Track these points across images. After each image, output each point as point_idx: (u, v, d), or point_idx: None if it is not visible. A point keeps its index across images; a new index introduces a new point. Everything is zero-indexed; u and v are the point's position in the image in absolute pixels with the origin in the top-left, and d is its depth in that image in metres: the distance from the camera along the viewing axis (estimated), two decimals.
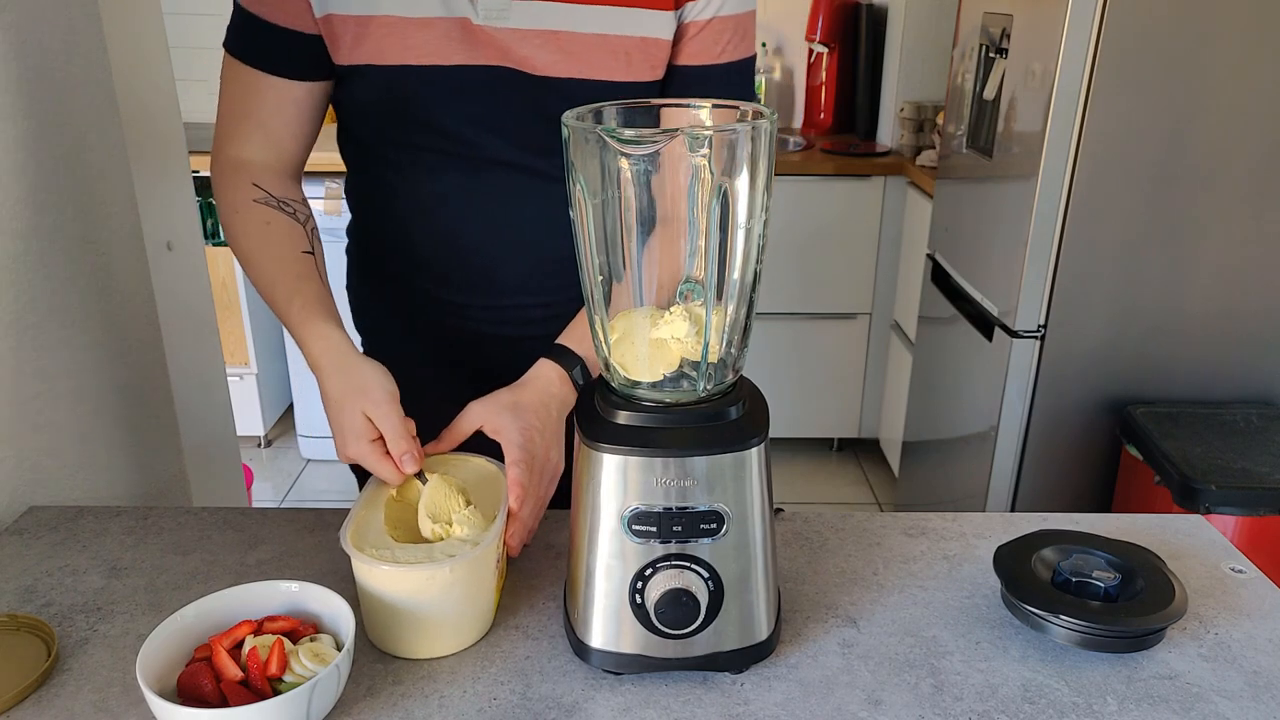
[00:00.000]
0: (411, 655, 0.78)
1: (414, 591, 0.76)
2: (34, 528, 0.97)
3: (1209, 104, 1.76)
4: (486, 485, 0.87)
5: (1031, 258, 1.88)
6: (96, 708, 0.73)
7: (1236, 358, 1.93)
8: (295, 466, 3.10)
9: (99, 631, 0.81)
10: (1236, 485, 1.65)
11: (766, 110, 0.71)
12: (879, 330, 3.02)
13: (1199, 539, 0.98)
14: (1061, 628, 0.78)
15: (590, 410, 0.76)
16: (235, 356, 2.97)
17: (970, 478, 2.16)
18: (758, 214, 0.72)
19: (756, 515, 0.74)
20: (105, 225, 1.21)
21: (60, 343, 1.10)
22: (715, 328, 0.73)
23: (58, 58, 1.12)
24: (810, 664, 0.78)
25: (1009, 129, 1.99)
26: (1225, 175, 1.80)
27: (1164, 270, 1.87)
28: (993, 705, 0.74)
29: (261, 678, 0.68)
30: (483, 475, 0.88)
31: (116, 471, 1.21)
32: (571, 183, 0.72)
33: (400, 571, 0.75)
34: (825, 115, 3.24)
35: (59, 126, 1.12)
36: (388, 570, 0.75)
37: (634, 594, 0.73)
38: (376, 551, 0.76)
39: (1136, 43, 1.72)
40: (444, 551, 0.76)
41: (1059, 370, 1.95)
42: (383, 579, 0.76)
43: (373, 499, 0.84)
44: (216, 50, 1.02)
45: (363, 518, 0.81)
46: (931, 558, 0.94)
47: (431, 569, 0.75)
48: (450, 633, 0.79)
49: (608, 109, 0.77)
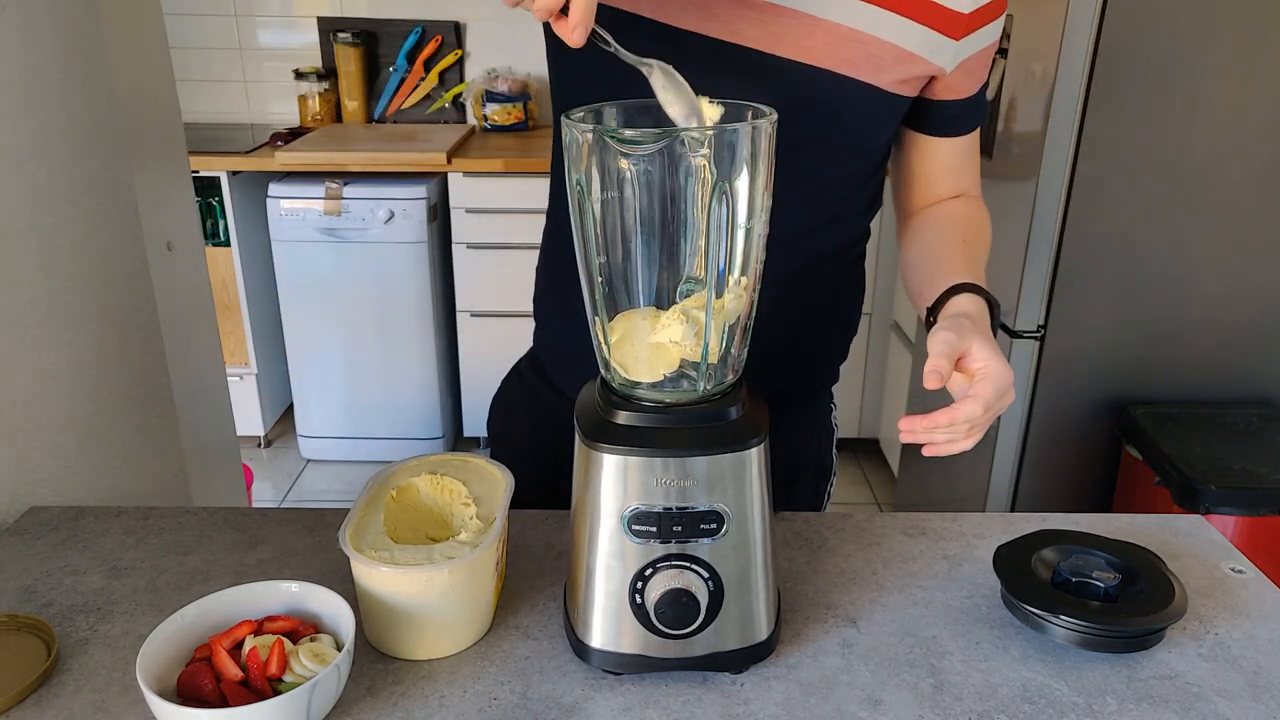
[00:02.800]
0: (409, 656, 0.78)
1: (412, 593, 0.76)
2: (34, 528, 0.97)
3: (1208, 104, 1.76)
4: (487, 486, 0.87)
5: (1031, 258, 1.88)
6: (96, 708, 0.73)
7: (1236, 358, 1.93)
8: (295, 466, 3.10)
9: (99, 631, 0.81)
10: (1236, 485, 1.65)
11: (766, 110, 0.71)
12: (879, 330, 3.02)
13: (1199, 539, 0.98)
14: (1061, 628, 0.78)
15: (590, 410, 0.76)
16: (235, 356, 2.97)
17: (970, 478, 2.16)
18: (758, 214, 0.72)
19: (756, 515, 0.74)
20: (105, 225, 1.21)
21: (60, 343, 1.10)
22: (715, 328, 0.73)
23: (57, 57, 1.12)
24: (810, 664, 0.79)
25: (1009, 129, 1.99)
26: (1225, 175, 1.80)
27: (1164, 270, 1.87)
28: (993, 705, 0.74)
29: (261, 678, 0.68)
30: (483, 476, 0.88)
31: (116, 471, 1.21)
32: (571, 183, 0.72)
33: (398, 573, 0.75)
34: None
35: (59, 126, 1.12)
36: (386, 571, 0.75)
37: (634, 594, 0.73)
38: (375, 552, 0.76)
39: (1136, 43, 1.72)
40: (443, 553, 0.76)
41: (1059, 370, 1.95)
42: (381, 580, 0.76)
43: (373, 499, 0.84)
44: (217, 50, 1.02)
45: (362, 518, 0.81)
46: (931, 558, 0.94)
47: (430, 571, 0.75)
48: (448, 634, 0.78)
49: (608, 109, 0.77)
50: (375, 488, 0.85)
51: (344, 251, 2.81)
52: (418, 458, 0.90)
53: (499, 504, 0.83)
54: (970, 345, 0.80)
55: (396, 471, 0.87)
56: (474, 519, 0.81)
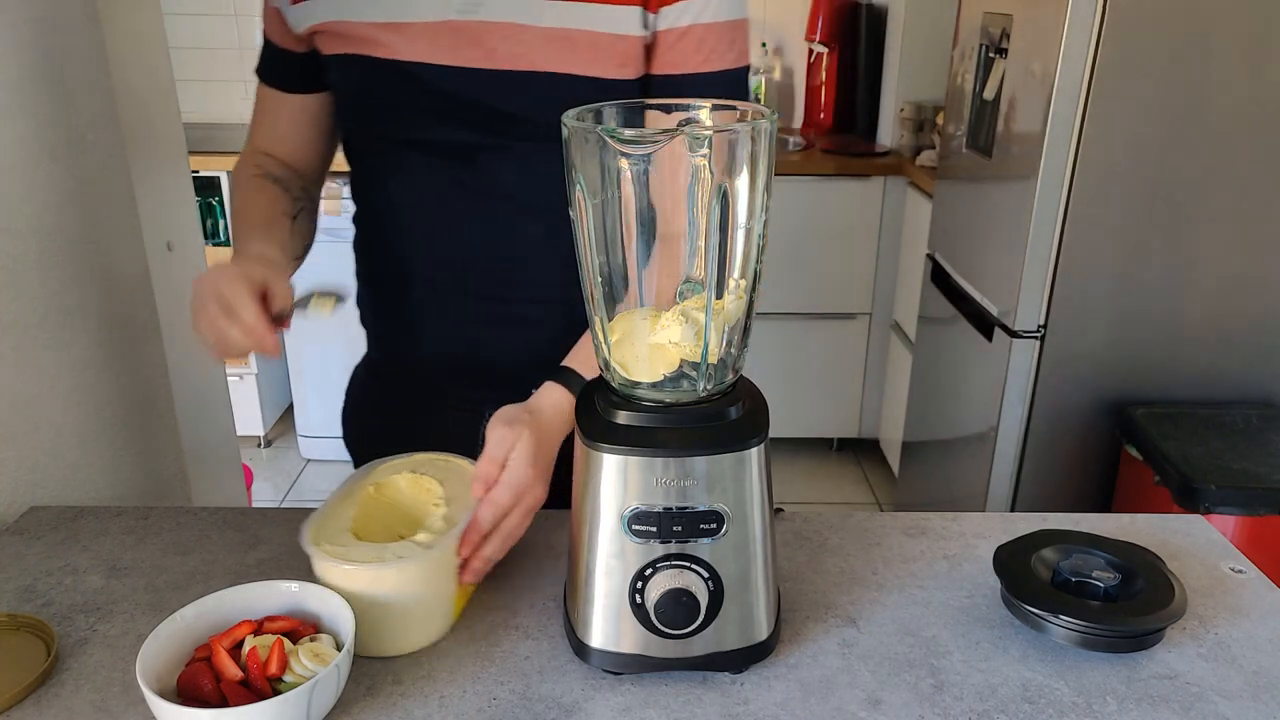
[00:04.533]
0: (362, 652, 0.78)
1: (364, 589, 0.76)
2: (34, 528, 0.97)
3: (1209, 103, 1.76)
4: (462, 487, 0.86)
5: (1031, 258, 1.88)
6: (96, 708, 0.73)
7: (1236, 358, 1.93)
8: (295, 466, 3.10)
9: (99, 631, 0.81)
10: (1236, 485, 1.65)
11: (766, 110, 0.71)
12: (879, 330, 3.02)
13: (1199, 539, 0.98)
14: (1061, 628, 0.78)
15: (590, 410, 0.76)
16: None
17: (970, 478, 2.16)
18: (758, 214, 0.72)
19: (756, 515, 0.74)
20: (105, 225, 1.21)
21: (60, 343, 1.10)
22: (715, 328, 0.73)
23: (56, 57, 1.12)
24: (810, 664, 0.79)
25: (1009, 129, 1.99)
26: (1225, 175, 1.80)
27: (1164, 270, 1.87)
28: (993, 705, 0.74)
29: (261, 678, 0.68)
30: (461, 477, 0.88)
31: (116, 471, 1.21)
32: (571, 183, 0.72)
33: (351, 570, 0.75)
34: (825, 115, 3.24)
35: (58, 126, 1.12)
36: (335, 567, 0.76)
37: (634, 594, 0.73)
38: (331, 548, 0.77)
39: (1136, 43, 1.72)
40: (395, 553, 0.76)
41: (1059, 370, 1.94)
42: (335, 576, 0.77)
43: (348, 494, 0.84)
44: (216, 50, 1.05)
45: (332, 513, 0.81)
46: (931, 558, 0.94)
47: (378, 569, 0.75)
48: (400, 632, 0.79)
49: (608, 109, 0.77)
50: (353, 483, 0.86)
51: (343, 251, 2.80)
52: (404, 455, 0.90)
53: (468, 505, 0.83)
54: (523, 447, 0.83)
55: (380, 468, 0.88)
56: (441, 519, 0.81)
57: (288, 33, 0.98)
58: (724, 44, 0.94)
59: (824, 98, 3.23)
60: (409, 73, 0.92)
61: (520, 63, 0.91)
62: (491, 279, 1.01)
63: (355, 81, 0.96)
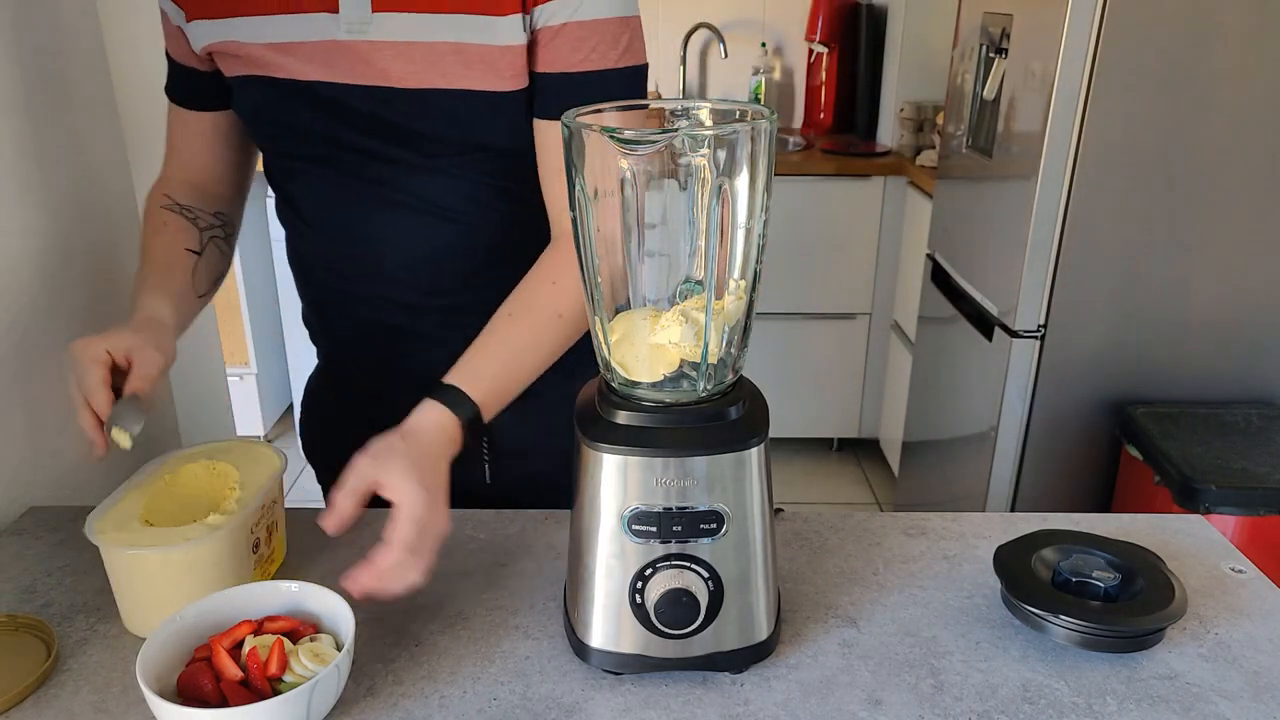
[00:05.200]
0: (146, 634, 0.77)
1: (156, 573, 0.77)
2: (34, 528, 0.97)
3: (1209, 103, 1.76)
4: (258, 471, 0.87)
5: (1031, 258, 1.88)
6: (96, 708, 0.73)
7: (1236, 357, 1.93)
8: (295, 466, 3.10)
9: (99, 631, 0.81)
10: (1236, 485, 1.65)
11: (766, 110, 0.71)
12: (879, 330, 3.02)
13: (1199, 539, 0.98)
14: (1061, 628, 0.78)
15: (590, 410, 0.76)
16: (235, 356, 2.97)
17: (970, 478, 2.16)
18: (758, 214, 0.72)
19: (756, 515, 0.74)
20: (105, 225, 1.21)
21: (60, 343, 1.09)
22: (715, 328, 0.73)
23: (56, 57, 1.12)
24: (810, 664, 0.79)
25: (1009, 129, 1.99)
26: (1225, 175, 1.80)
27: (1164, 270, 1.87)
28: (993, 705, 0.74)
29: (261, 678, 0.68)
30: (258, 460, 0.89)
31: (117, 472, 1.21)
32: (571, 183, 0.72)
33: (140, 554, 0.77)
34: (825, 115, 3.25)
35: (57, 126, 1.12)
36: (123, 553, 0.77)
37: (634, 594, 0.73)
38: (117, 534, 0.77)
39: (1136, 43, 1.72)
40: (184, 535, 0.77)
41: (1059, 370, 1.95)
42: (125, 563, 0.78)
43: (143, 484, 0.85)
44: None
45: (120, 503, 0.82)
46: (931, 558, 0.94)
47: (166, 552, 0.76)
48: None
49: (608, 109, 0.77)
50: (145, 474, 0.87)
51: None
52: (201, 445, 0.92)
53: (260, 488, 0.84)
54: (388, 476, 0.76)
55: (176, 456, 0.90)
56: (235, 503, 0.82)
57: (190, 51, 0.98)
58: (607, 42, 0.91)
59: (824, 98, 3.24)
60: (307, 92, 0.91)
61: (414, 80, 0.90)
62: (414, 288, 1.00)
63: (255, 101, 0.95)
